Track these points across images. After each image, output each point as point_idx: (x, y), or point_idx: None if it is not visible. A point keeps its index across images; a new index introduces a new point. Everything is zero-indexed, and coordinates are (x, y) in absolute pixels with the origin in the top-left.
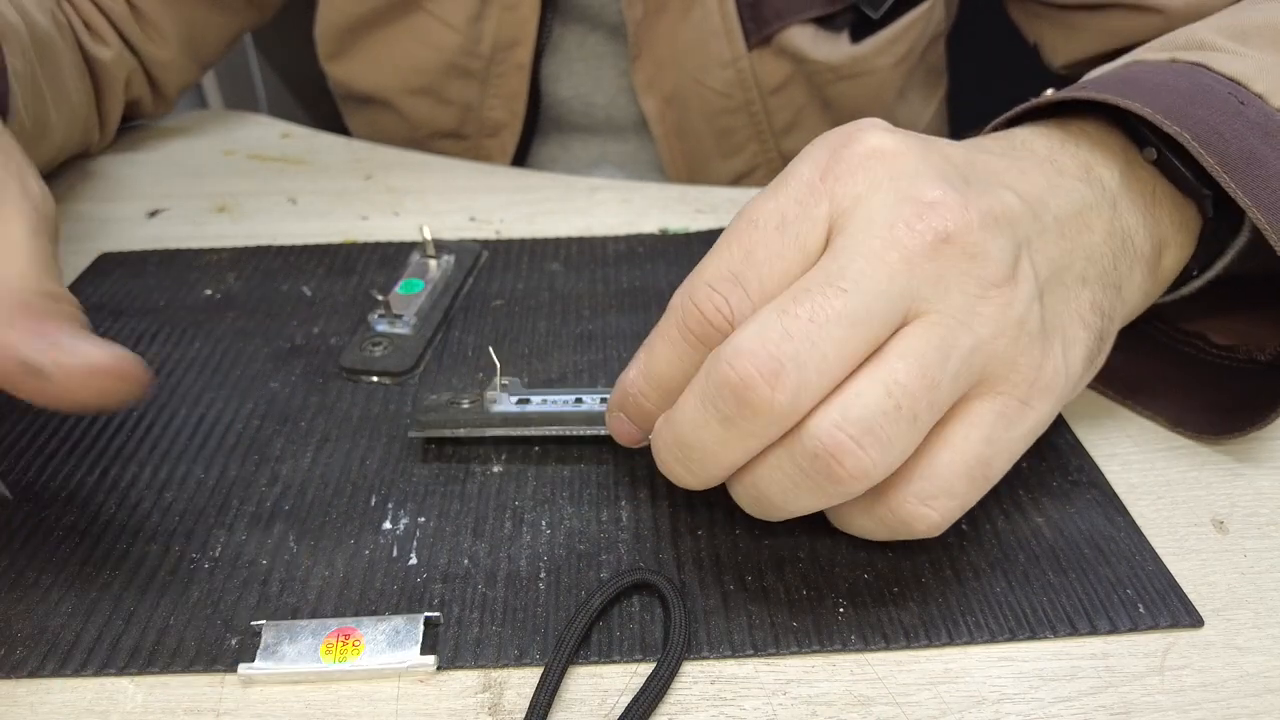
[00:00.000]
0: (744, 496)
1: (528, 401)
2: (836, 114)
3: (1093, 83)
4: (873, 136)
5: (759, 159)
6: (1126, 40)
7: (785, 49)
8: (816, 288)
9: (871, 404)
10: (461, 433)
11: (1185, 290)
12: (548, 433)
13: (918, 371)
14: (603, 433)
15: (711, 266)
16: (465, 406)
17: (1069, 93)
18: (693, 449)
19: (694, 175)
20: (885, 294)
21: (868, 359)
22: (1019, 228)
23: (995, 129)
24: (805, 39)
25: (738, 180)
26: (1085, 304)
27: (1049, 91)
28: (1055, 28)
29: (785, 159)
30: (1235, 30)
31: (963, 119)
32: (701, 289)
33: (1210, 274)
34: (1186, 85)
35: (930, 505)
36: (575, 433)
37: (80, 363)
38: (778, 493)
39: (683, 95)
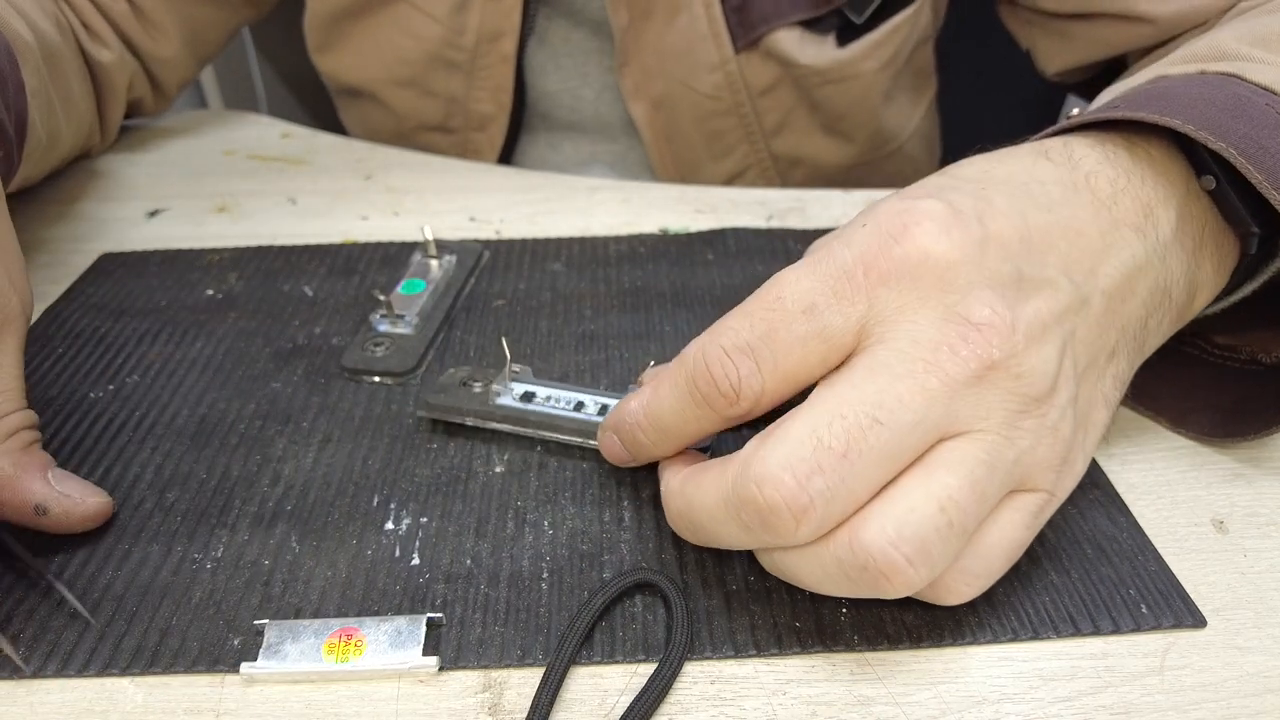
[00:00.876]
0: (770, 568)
1: (532, 397)
2: (824, 116)
3: (1125, 99)
4: (926, 235)
5: (750, 160)
6: (1118, 49)
7: (772, 52)
8: (852, 415)
9: (926, 520)
10: (468, 421)
11: (1207, 313)
12: (542, 436)
13: (968, 485)
14: (591, 445)
15: (730, 333)
16: (476, 390)
17: (1105, 112)
18: (706, 533)
19: (685, 178)
20: (922, 423)
21: (911, 466)
22: (1065, 324)
23: (1054, 135)
24: (791, 42)
25: (729, 181)
26: (1109, 382)
27: (1074, 111)
28: (1048, 35)
29: (776, 159)
30: (1256, 38)
31: (954, 121)
32: (715, 353)
33: (1235, 297)
34: (1223, 98)
35: (969, 584)
36: (568, 441)
37: (81, 512)
38: (809, 580)
39: (671, 99)
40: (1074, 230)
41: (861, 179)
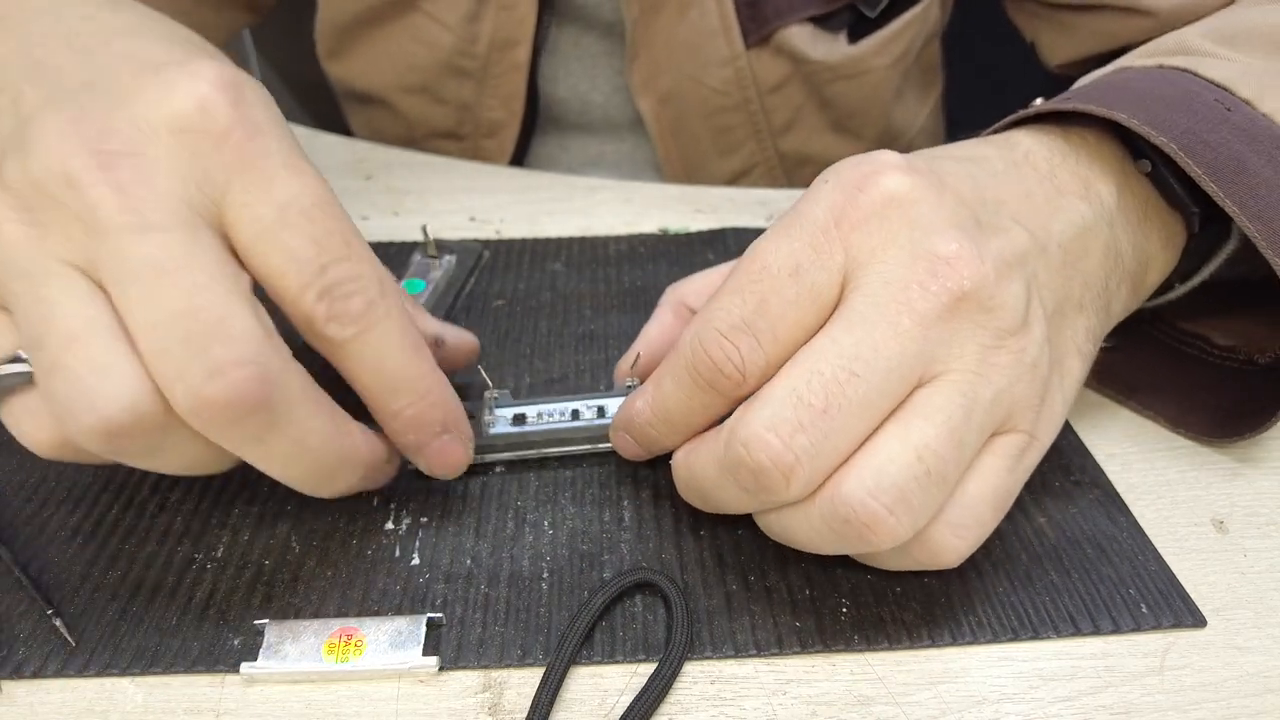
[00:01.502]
0: (770, 531)
1: (524, 419)
2: (835, 113)
3: (1080, 91)
4: (888, 179)
5: (757, 157)
6: (1120, 42)
7: (783, 48)
8: (829, 370)
9: (903, 470)
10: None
11: (1169, 297)
12: (550, 454)
13: (945, 433)
14: (603, 448)
15: (723, 312)
16: None
17: (1057, 103)
18: (712, 499)
19: (691, 174)
20: (899, 367)
21: (891, 416)
22: (1028, 265)
23: (995, 132)
24: (803, 38)
25: (735, 179)
26: (1081, 332)
27: (1038, 101)
28: (1051, 27)
29: (783, 158)
30: (1222, 34)
31: (958, 119)
32: (712, 336)
33: (1193, 282)
34: (1173, 92)
35: (960, 536)
36: (580, 451)
37: (467, 345)
38: (805, 540)
39: (680, 94)
40: (1022, 192)
41: None
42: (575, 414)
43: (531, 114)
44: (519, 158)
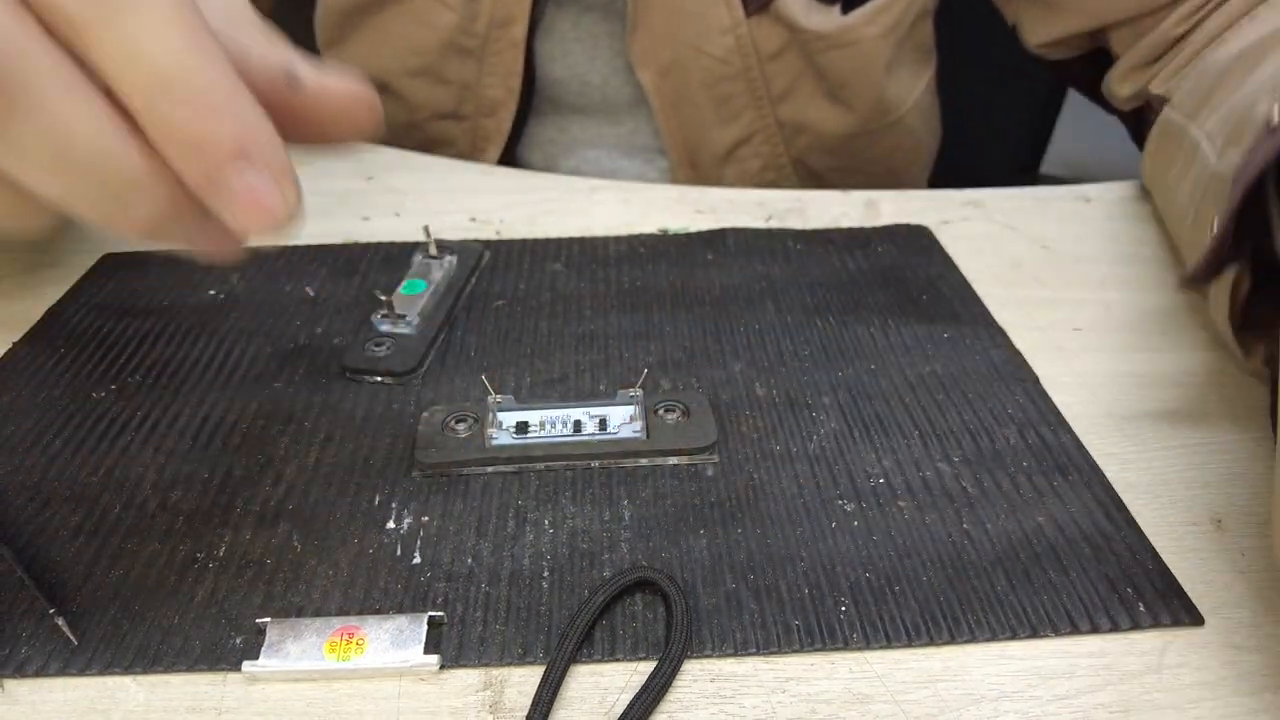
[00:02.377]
0: None
1: (526, 427)
2: (829, 83)
3: None
4: None
5: (756, 125)
6: (1102, 19)
7: (781, 16)
8: None
9: None
10: (466, 471)
11: None
12: (552, 467)
13: None
14: (598, 465)
15: None
16: (463, 435)
17: None
18: None
19: (691, 144)
20: None
21: None
22: None
23: None
24: (799, 7)
25: (735, 147)
26: None
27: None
28: (1034, 6)
29: (781, 125)
30: None
31: (952, 104)
32: None
33: None
34: None
35: None
36: (581, 466)
37: (329, 82)
38: None
39: (681, 64)
40: None
41: (862, 149)
42: (578, 425)
43: (529, 93)
44: (516, 137)
